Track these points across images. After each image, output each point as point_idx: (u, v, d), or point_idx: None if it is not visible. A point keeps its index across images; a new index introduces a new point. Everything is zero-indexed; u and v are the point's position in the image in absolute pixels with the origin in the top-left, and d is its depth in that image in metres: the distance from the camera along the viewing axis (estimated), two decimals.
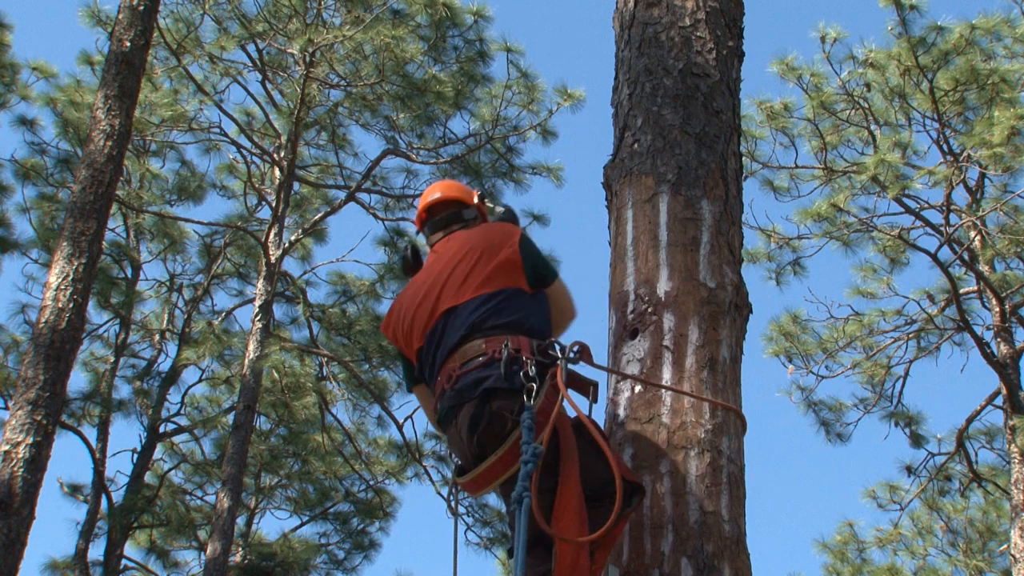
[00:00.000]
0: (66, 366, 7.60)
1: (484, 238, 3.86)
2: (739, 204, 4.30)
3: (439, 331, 3.71)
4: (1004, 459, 14.79)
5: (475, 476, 3.54)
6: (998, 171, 13.59)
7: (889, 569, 16.81)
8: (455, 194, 4.18)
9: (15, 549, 7.01)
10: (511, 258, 3.76)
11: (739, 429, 3.83)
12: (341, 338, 15.41)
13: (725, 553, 3.54)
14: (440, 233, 4.08)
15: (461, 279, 3.74)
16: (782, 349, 14.95)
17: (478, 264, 3.75)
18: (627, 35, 4.57)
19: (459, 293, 3.71)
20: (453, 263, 3.81)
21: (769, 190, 14.74)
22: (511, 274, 3.73)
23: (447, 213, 4.11)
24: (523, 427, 3.33)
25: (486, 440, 3.49)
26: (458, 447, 3.61)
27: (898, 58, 13.67)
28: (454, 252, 3.86)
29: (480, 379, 3.51)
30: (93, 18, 13.52)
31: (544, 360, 3.55)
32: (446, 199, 4.14)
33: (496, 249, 3.77)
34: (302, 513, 16.61)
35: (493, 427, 3.48)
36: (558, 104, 13.97)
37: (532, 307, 3.73)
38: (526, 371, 3.46)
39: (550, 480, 3.40)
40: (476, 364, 3.55)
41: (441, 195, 4.16)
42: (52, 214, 14.65)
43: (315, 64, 13.25)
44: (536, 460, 3.26)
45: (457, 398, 3.56)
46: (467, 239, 3.89)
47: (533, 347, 3.56)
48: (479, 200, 4.19)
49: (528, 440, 3.30)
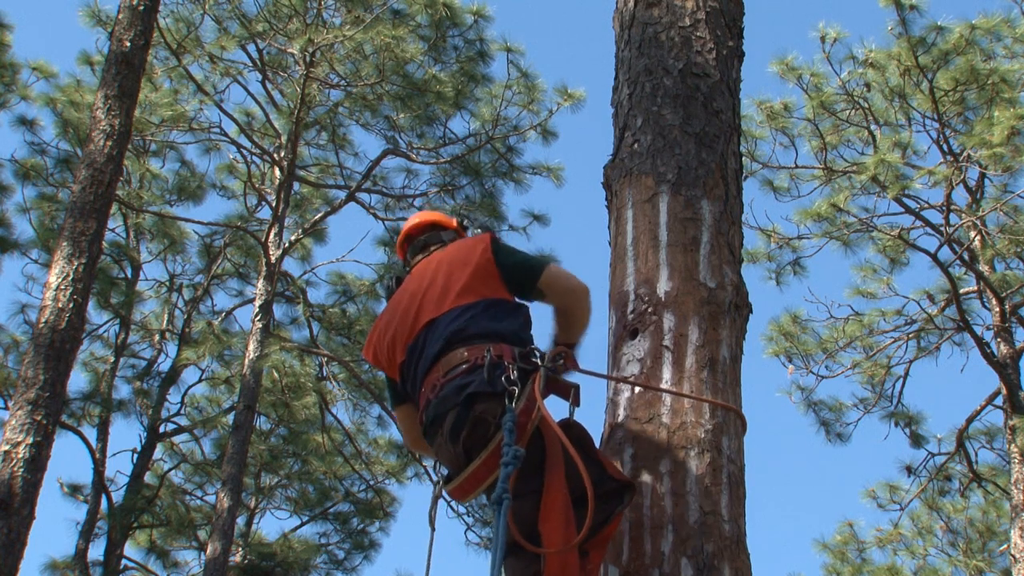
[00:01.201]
0: (66, 366, 7.60)
1: (457, 249, 3.89)
2: (739, 204, 4.30)
3: (420, 343, 3.72)
4: (1004, 459, 14.80)
5: (461, 482, 3.54)
6: (998, 171, 13.60)
7: (889, 569, 16.82)
8: (433, 218, 4.26)
9: (15, 549, 7.02)
10: (484, 264, 3.75)
11: (739, 429, 3.83)
12: (341, 338, 15.42)
13: (725, 553, 3.54)
14: (420, 255, 4.11)
15: (440, 291, 3.75)
16: (782, 349, 14.96)
17: (454, 275, 3.76)
18: (627, 35, 4.57)
19: (439, 305, 3.72)
20: (430, 277, 3.83)
21: (769, 190, 14.75)
22: (488, 281, 3.73)
23: (426, 236, 4.16)
24: (504, 429, 3.34)
25: (470, 444, 3.50)
26: (444, 455, 3.62)
27: (898, 58, 13.67)
28: (432, 268, 3.88)
29: (463, 385, 3.52)
30: (93, 18, 13.52)
31: (526, 367, 3.55)
32: (423, 223, 4.22)
33: (469, 257, 3.78)
34: (302, 513, 16.62)
35: (476, 431, 3.48)
36: (558, 104, 13.98)
37: (513, 316, 3.72)
38: (508, 375, 3.46)
39: (536, 482, 3.41)
40: (459, 371, 3.55)
41: (419, 220, 4.25)
42: (52, 214, 14.65)
43: (315, 64, 13.25)
44: (516, 462, 3.27)
45: (441, 406, 3.56)
46: (442, 255, 3.92)
47: (515, 354, 3.56)
48: (458, 223, 4.26)
49: (509, 443, 3.30)
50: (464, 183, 14.52)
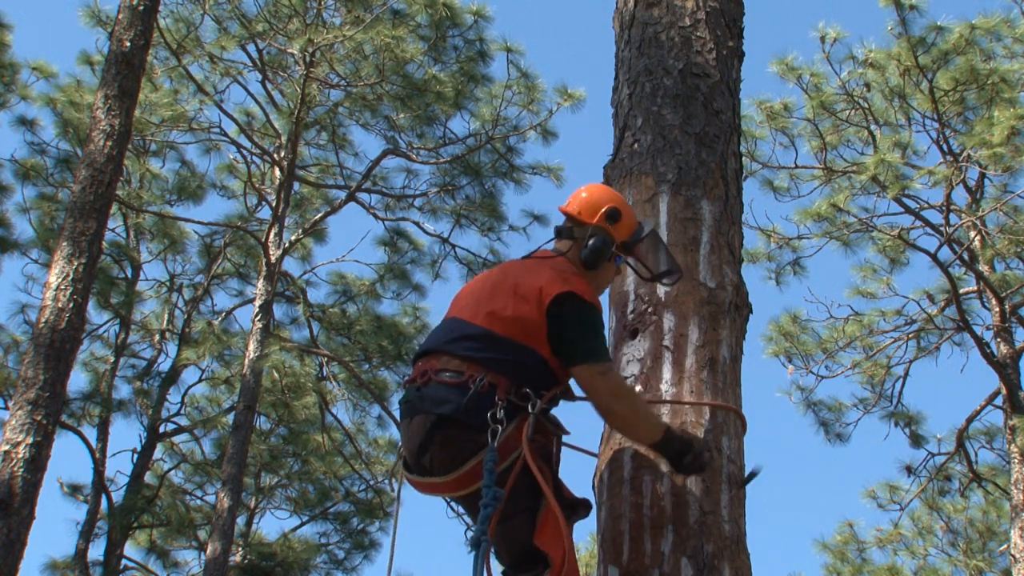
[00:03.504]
0: (66, 366, 7.60)
1: (534, 280, 3.54)
2: (739, 204, 4.30)
3: (445, 325, 3.65)
4: (1004, 459, 14.79)
5: (419, 482, 3.52)
6: (998, 171, 13.59)
7: (889, 569, 16.82)
8: (576, 208, 3.76)
9: (15, 549, 7.02)
10: (535, 318, 3.45)
11: (739, 429, 3.83)
12: (341, 338, 15.42)
13: (725, 553, 3.54)
14: (553, 241, 3.85)
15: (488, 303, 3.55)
16: (782, 349, 14.95)
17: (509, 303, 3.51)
18: (627, 35, 4.57)
19: (475, 313, 3.56)
20: (493, 283, 3.63)
21: (769, 190, 14.74)
22: (529, 331, 3.47)
23: (563, 226, 3.82)
24: (485, 470, 3.26)
25: (434, 463, 3.43)
26: (406, 444, 3.53)
27: (898, 58, 13.67)
28: (509, 277, 3.62)
29: (443, 399, 3.41)
30: (93, 18, 13.53)
31: (518, 403, 3.42)
32: (566, 210, 3.82)
33: (527, 306, 3.47)
34: (302, 513, 16.62)
35: (440, 455, 3.41)
36: (558, 104, 13.98)
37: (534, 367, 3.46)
38: (494, 412, 3.33)
39: (524, 501, 3.37)
40: (446, 379, 3.44)
41: (567, 205, 3.82)
42: (52, 214, 14.65)
43: (315, 64, 13.25)
44: (496, 504, 3.22)
45: (419, 402, 3.47)
46: (519, 272, 3.63)
47: (510, 389, 3.40)
48: (600, 219, 3.71)
49: (489, 484, 3.23)
50: (464, 183, 14.53)
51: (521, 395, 3.41)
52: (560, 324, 3.44)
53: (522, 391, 3.41)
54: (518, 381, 3.43)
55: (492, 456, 3.27)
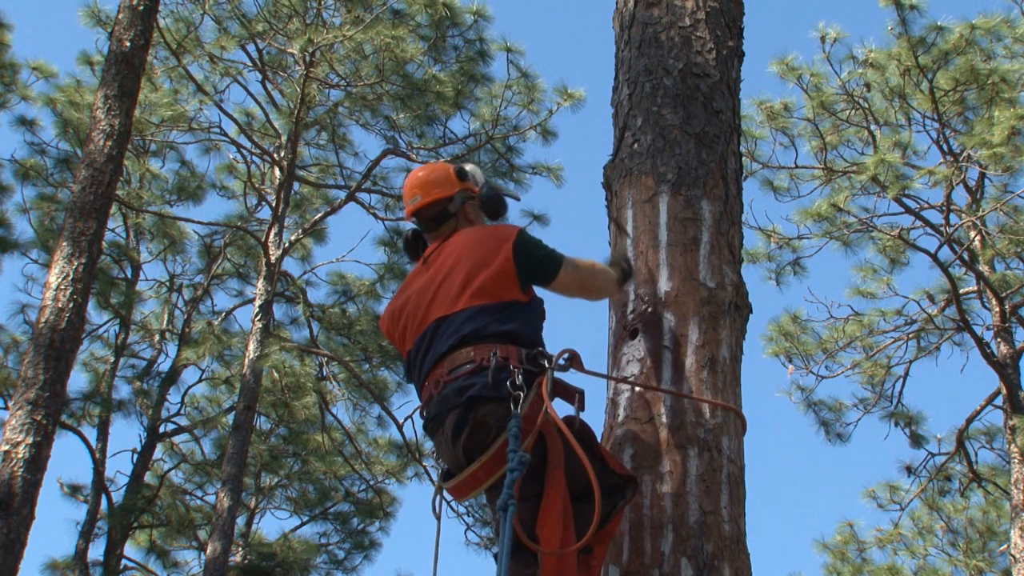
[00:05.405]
0: (66, 366, 7.60)
1: (479, 246, 3.77)
2: (739, 204, 4.30)
3: (428, 336, 3.69)
4: (1004, 459, 14.80)
5: (460, 481, 3.54)
6: (998, 171, 13.58)
7: (889, 569, 16.81)
8: (435, 194, 3.99)
9: (15, 549, 7.01)
10: (505, 268, 3.67)
11: (739, 429, 3.84)
12: (341, 338, 15.42)
13: (725, 553, 3.54)
14: (433, 232, 4.00)
15: (453, 288, 3.69)
16: (782, 349, 14.95)
17: (472, 273, 3.69)
18: (627, 35, 4.57)
19: (452, 303, 3.67)
20: (447, 270, 3.76)
21: (769, 190, 14.73)
22: (505, 283, 3.67)
23: (432, 214, 3.99)
24: (510, 435, 3.33)
25: (471, 447, 3.49)
26: (445, 453, 3.62)
27: (898, 58, 13.66)
28: (451, 259, 3.79)
29: (465, 387, 3.51)
30: (93, 18, 13.51)
31: (533, 369, 3.54)
32: (426, 203, 3.99)
33: (490, 259, 3.69)
34: (302, 513, 16.62)
35: (477, 434, 3.48)
36: (558, 104, 13.97)
37: (524, 316, 3.69)
38: (513, 380, 3.45)
39: (536, 487, 3.41)
40: (464, 371, 3.54)
41: (421, 199, 4.00)
42: (52, 214, 14.65)
43: (315, 64, 13.24)
44: (522, 468, 3.26)
45: (443, 404, 3.56)
46: (463, 246, 3.80)
47: (522, 356, 3.54)
48: (458, 179, 4.02)
49: (515, 448, 3.29)
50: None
51: (533, 360, 3.55)
52: (526, 254, 3.71)
53: (532, 355, 3.56)
54: (525, 343, 3.59)
55: (516, 422, 3.36)
